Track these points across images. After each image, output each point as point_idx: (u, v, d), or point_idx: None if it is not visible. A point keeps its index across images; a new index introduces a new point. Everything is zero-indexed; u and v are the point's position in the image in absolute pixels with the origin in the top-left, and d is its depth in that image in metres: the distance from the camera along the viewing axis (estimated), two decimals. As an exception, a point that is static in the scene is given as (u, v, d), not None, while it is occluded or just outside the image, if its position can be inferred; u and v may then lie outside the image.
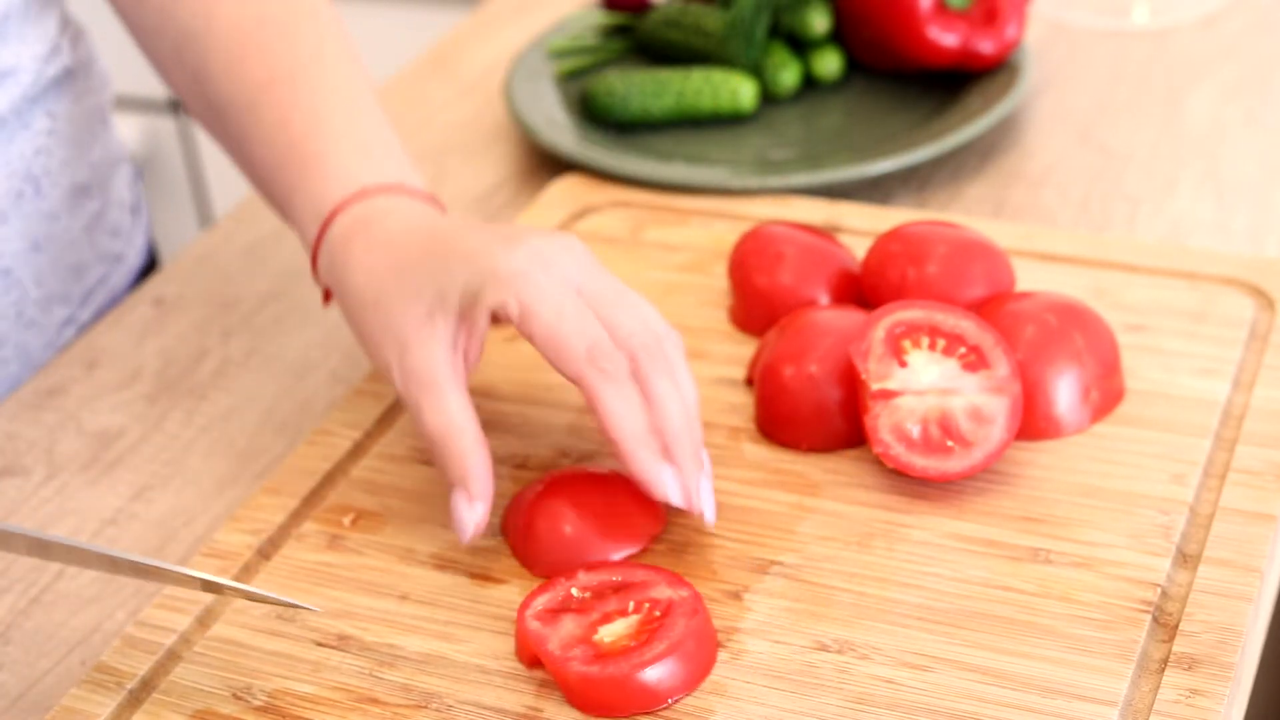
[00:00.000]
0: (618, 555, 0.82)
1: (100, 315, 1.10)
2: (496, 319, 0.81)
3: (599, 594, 0.78)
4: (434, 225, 0.86)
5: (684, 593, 0.76)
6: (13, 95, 1.01)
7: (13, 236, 1.02)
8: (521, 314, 0.79)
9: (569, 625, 0.76)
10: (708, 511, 0.80)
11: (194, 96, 0.97)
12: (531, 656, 0.76)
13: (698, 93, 1.20)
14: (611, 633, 0.75)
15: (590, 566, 0.79)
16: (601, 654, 0.74)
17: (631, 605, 0.76)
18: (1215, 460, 0.85)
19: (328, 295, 0.91)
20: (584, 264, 0.82)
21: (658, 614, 0.76)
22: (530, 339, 0.79)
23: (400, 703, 0.76)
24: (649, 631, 0.75)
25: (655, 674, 0.73)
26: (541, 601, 0.77)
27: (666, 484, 0.79)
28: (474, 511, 0.80)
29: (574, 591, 0.78)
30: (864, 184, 1.14)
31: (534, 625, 0.76)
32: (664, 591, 0.77)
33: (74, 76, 1.06)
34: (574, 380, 0.79)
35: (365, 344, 0.85)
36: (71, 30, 1.07)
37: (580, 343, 0.79)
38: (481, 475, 0.80)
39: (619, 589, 0.78)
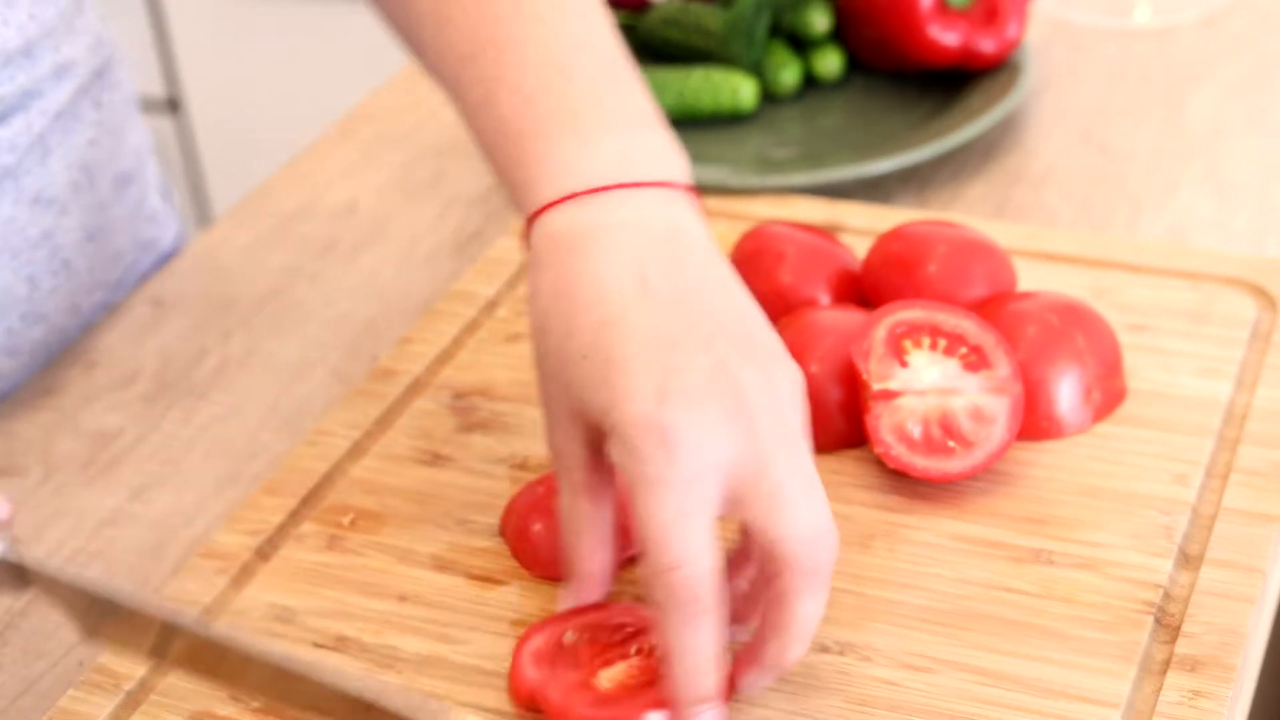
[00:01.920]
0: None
1: (139, 286, 1.11)
2: None
3: (595, 638, 0.75)
4: (620, 299, 0.70)
5: None
6: (71, 88, 1.02)
7: (73, 228, 1.03)
8: (631, 485, 0.67)
9: (567, 670, 0.74)
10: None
11: (422, 65, 0.84)
12: (527, 699, 0.74)
13: (698, 91, 1.20)
14: (611, 678, 0.74)
15: (582, 611, 0.76)
16: (602, 698, 0.72)
17: (634, 649, 0.74)
18: (1218, 460, 0.84)
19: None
20: (750, 442, 0.67)
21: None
22: (633, 511, 0.67)
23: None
24: (649, 671, 0.73)
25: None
26: (536, 643, 0.75)
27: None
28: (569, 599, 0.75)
29: (568, 636, 0.75)
30: (865, 183, 1.13)
31: (531, 673, 0.74)
32: None
33: (111, 66, 1.08)
34: (648, 593, 0.68)
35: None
36: (99, 24, 1.09)
37: (654, 560, 0.66)
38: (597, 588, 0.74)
39: (616, 630, 0.75)
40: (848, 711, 0.73)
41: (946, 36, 1.18)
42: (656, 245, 0.71)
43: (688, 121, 1.21)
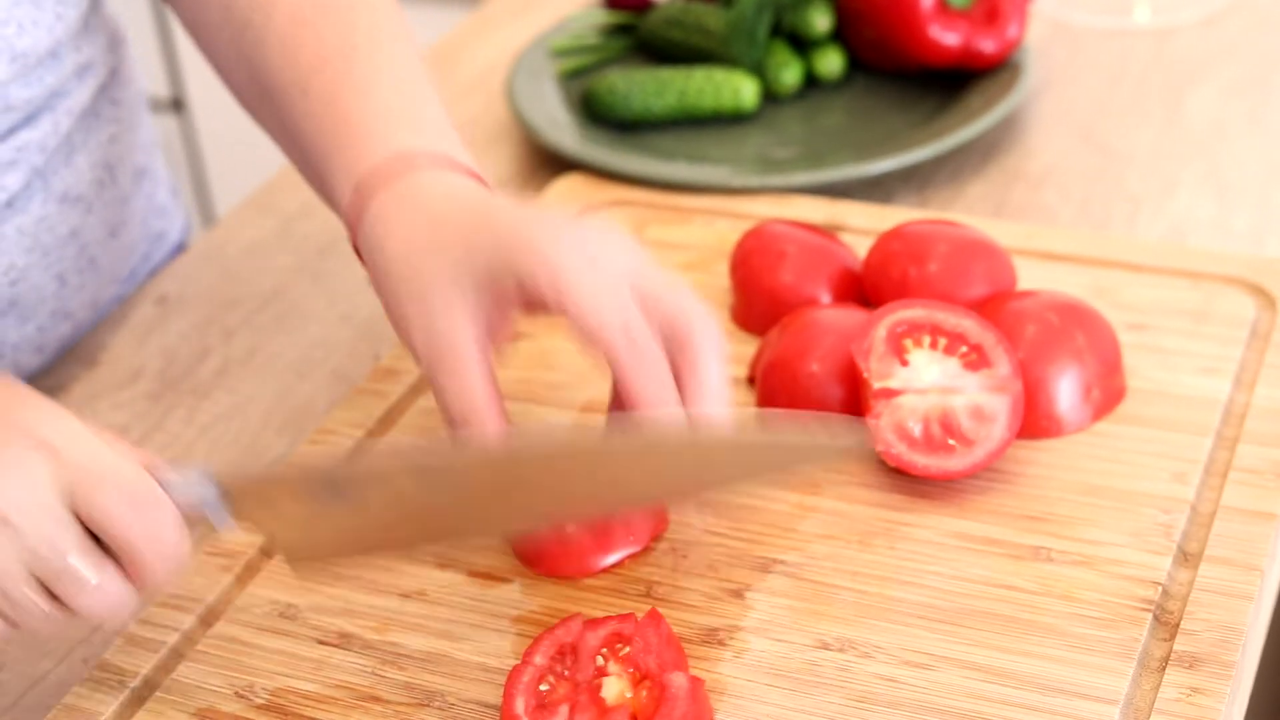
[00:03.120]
0: (619, 555, 0.82)
1: (143, 284, 1.12)
2: (531, 305, 0.77)
3: (566, 671, 0.75)
4: (478, 198, 0.82)
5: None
6: (92, 87, 1.03)
7: (97, 224, 1.05)
8: (554, 288, 0.75)
9: (562, 707, 0.73)
10: None
11: (249, 86, 0.94)
12: None
13: (700, 92, 1.20)
14: (612, 693, 0.73)
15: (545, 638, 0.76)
16: (606, 710, 0.72)
17: (610, 666, 0.74)
18: (1216, 459, 0.85)
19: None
20: (628, 248, 0.78)
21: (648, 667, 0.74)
22: (563, 313, 0.75)
23: (402, 701, 0.76)
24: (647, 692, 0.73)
25: None
26: (526, 680, 0.74)
27: None
28: None
29: (544, 687, 0.74)
30: (865, 183, 1.14)
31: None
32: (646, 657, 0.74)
33: (125, 62, 1.09)
34: (606, 352, 0.75)
35: (392, 314, 0.81)
36: (114, 22, 1.09)
37: (615, 323, 0.75)
38: None
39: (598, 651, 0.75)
40: (848, 708, 0.73)
41: (947, 37, 1.18)
42: (476, 188, 0.83)
43: (689, 121, 1.21)
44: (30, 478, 0.68)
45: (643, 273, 0.77)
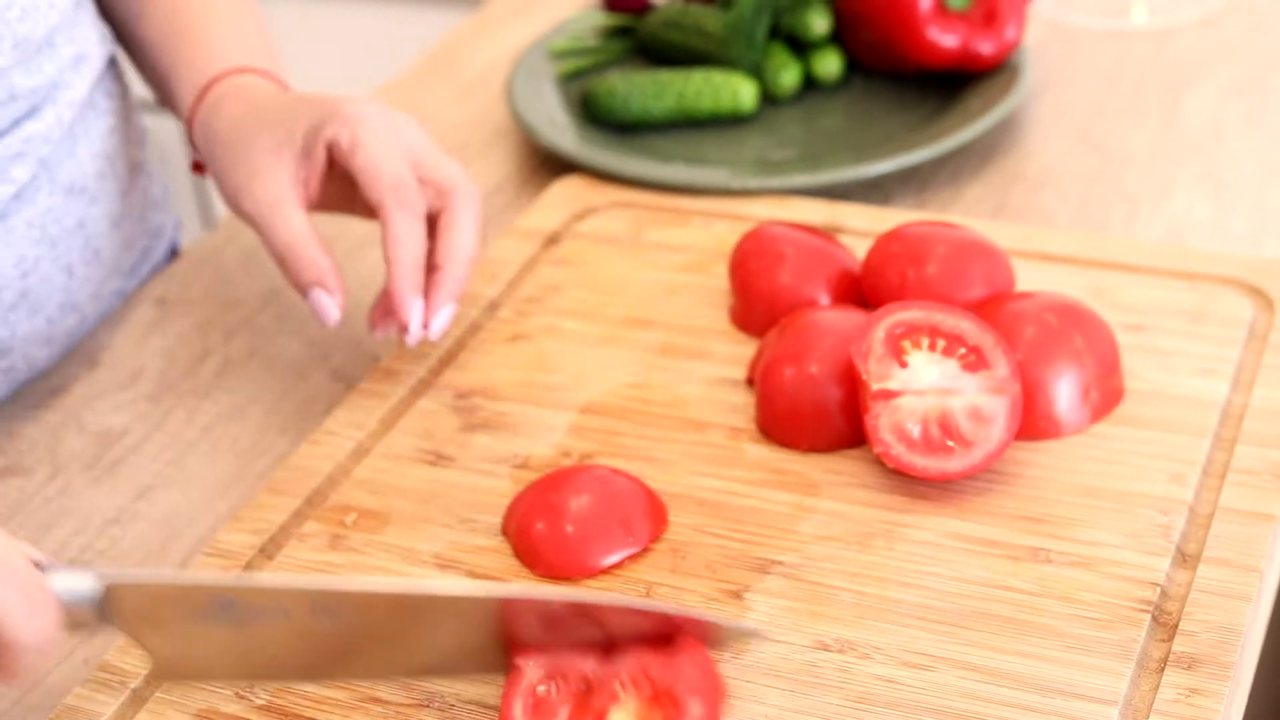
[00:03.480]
0: (618, 556, 0.82)
1: (143, 285, 1.12)
2: (334, 162, 0.94)
3: (568, 684, 0.73)
4: (295, 93, 0.99)
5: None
6: (89, 79, 1.04)
7: (100, 216, 1.05)
8: (351, 145, 0.92)
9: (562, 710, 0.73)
10: (434, 330, 0.93)
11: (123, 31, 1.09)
12: None
13: (698, 93, 1.20)
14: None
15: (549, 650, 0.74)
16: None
17: (617, 687, 0.73)
18: (1214, 460, 0.85)
19: (197, 166, 1.03)
20: (415, 128, 0.96)
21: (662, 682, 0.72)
22: (351, 169, 0.92)
23: (402, 701, 0.76)
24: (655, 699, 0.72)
25: None
26: (524, 684, 0.73)
27: (412, 311, 0.91)
28: (335, 300, 0.92)
29: (541, 690, 0.73)
30: (864, 185, 1.14)
31: None
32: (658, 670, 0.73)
33: (116, 59, 1.10)
34: (375, 206, 0.92)
35: (220, 181, 0.97)
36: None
37: (391, 177, 0.92)
38: (332, 271, 0.92)
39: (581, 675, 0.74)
40: (847, 708, 0.73)
41: (945, 39, 1.18)
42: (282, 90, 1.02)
43: (688, 123, 1.21)
44: None
45: (425, 148, 0.95)
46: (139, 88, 1.13)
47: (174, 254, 1.20)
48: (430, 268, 0.93)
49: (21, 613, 0.69)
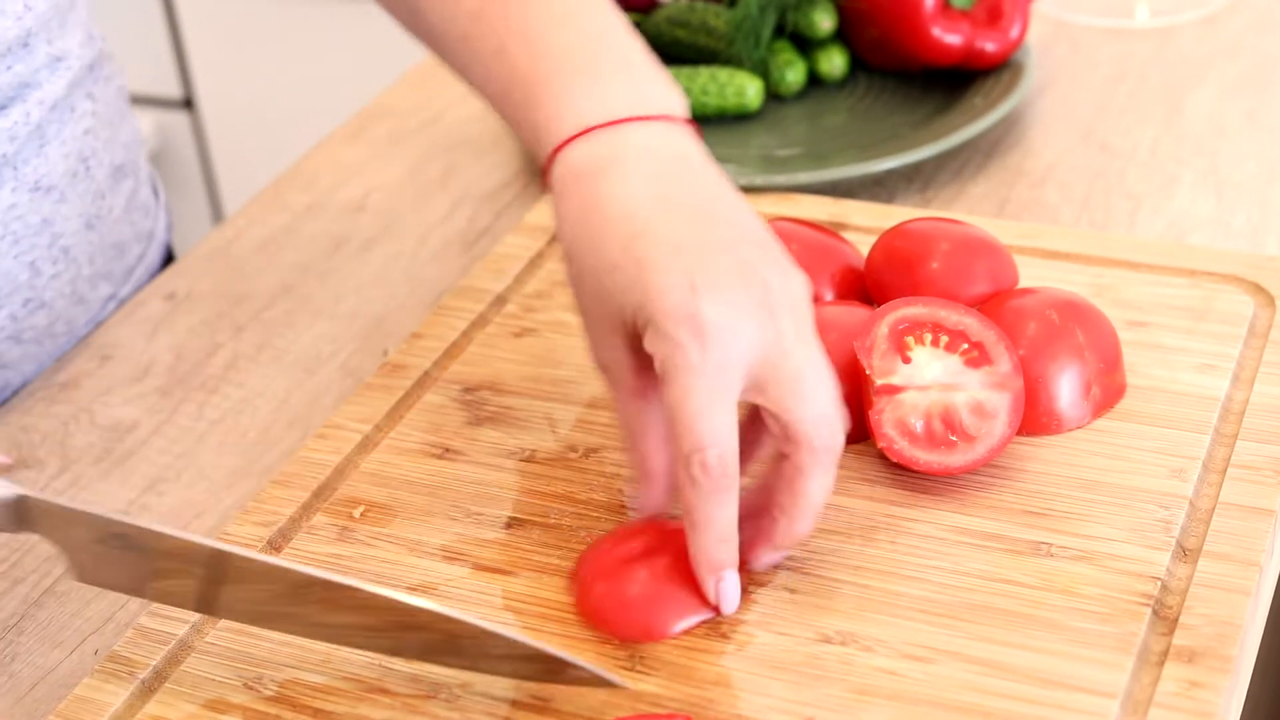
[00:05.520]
0: (692, 620, 0.78)
1: (139, 290, 1.12)
2: None
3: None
4: (645, 215, 0.76)
5: None
6: (65, 80, 1.03)
7: (71, 215, 1.05)
8: (662, 379, 0.74)
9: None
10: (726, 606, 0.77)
11: (415, 30, 0.90)
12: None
13: (704, 91, 1.21)
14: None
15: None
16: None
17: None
18: (1215, 455, 0.85)
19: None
20: (771, 331, 0.74)
21: None
22: (664, 398, 0.74)
23: (409, 693, 0.76)
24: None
25: None
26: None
27: (722, 597, 0.77)
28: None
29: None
30: (868, 181, 1.14)
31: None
32: None
33: (103, 61, 1.09)
34: (680, 480, 0.74)
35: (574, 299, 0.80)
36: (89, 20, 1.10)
37: (686, 443, 0.73)
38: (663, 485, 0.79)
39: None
40: (849, 701, 0.74)
41: (949, 37, 1.19)
42: (670, 167, 0.78)
43: (694, 120, 1.21)
44: None
45: (775, 355, 0.73)
46: (147, 88, 1.14)
47: (169, 257, 1.20)
48: (759, 511, 0.78)
49: None
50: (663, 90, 0.80)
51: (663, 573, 0.78)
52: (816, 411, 0.74)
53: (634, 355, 0.77)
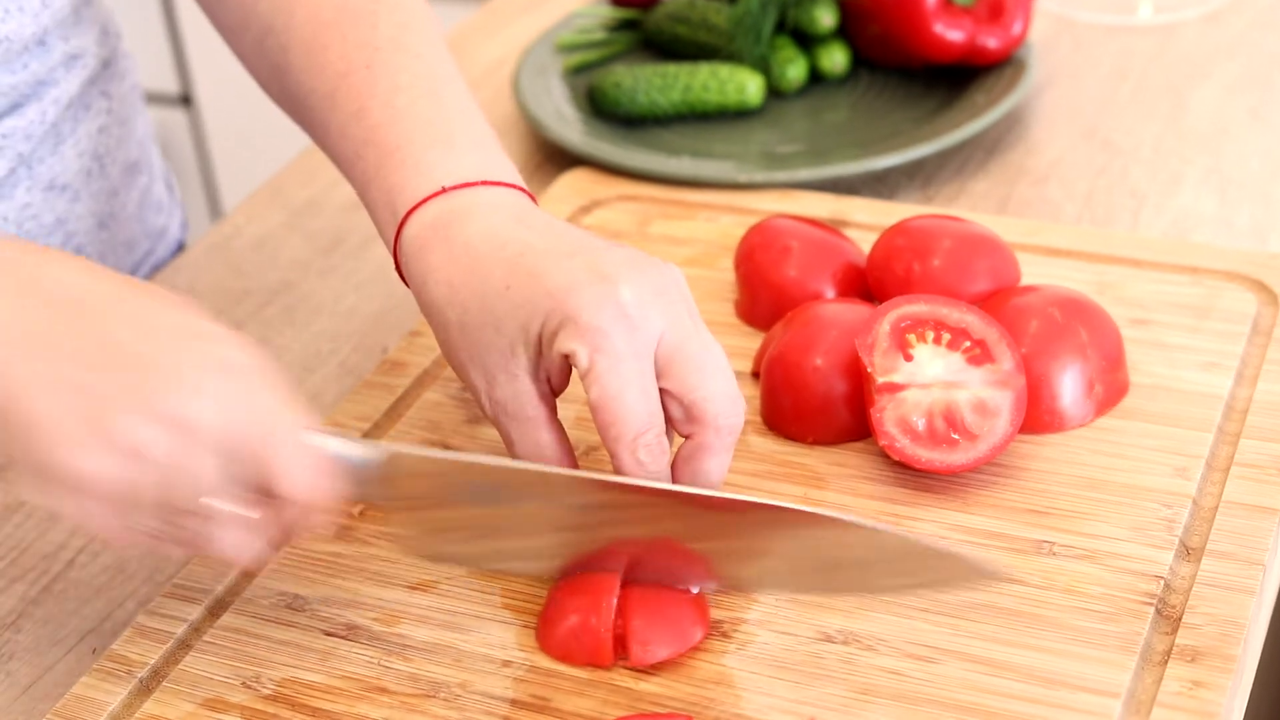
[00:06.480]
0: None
1: (151, 278, 1.12)
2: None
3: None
4: (519, 239, 0.79)
5: None
6: (81, 78, 1.03)
7: (84, 214, 1.05)
8: (588, 372, 0.76)
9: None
10: None
11: (277, 89, 0.94)
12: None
13: (705, 87, 1.20)
14: None
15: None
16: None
17: None
18: (1218, 454, 0.85)
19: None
20: (672, 315, 0.77)
21: None
22: (588, 396, 0.76)
23: (408, 692, 0.76)
24: None
25: None
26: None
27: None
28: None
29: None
30: (870, 178, 1.14)
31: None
32: None
33: (117, 58, 1.09)
34: (609, 453, 0.76)
35: (450, 360, 0.82)
36: (107, 15, 1.10)
37: (630, 428, 0.75)
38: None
39: None
40: (851, 700, 0.73)
41: (951, 33, 1.19)
42: (520, 212, 0.82)
43: (694, 117, 1.21)
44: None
45: (680, 356, 0.76)
46: (146, 84, 1.13)
47: (181, 252, 1.20)
48: None
49: (296, 468, 0.72)
50: (510, 169, 0.85)
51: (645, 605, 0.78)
52: (720, 390, 0.77)
53: (535, 381, 0.79)
